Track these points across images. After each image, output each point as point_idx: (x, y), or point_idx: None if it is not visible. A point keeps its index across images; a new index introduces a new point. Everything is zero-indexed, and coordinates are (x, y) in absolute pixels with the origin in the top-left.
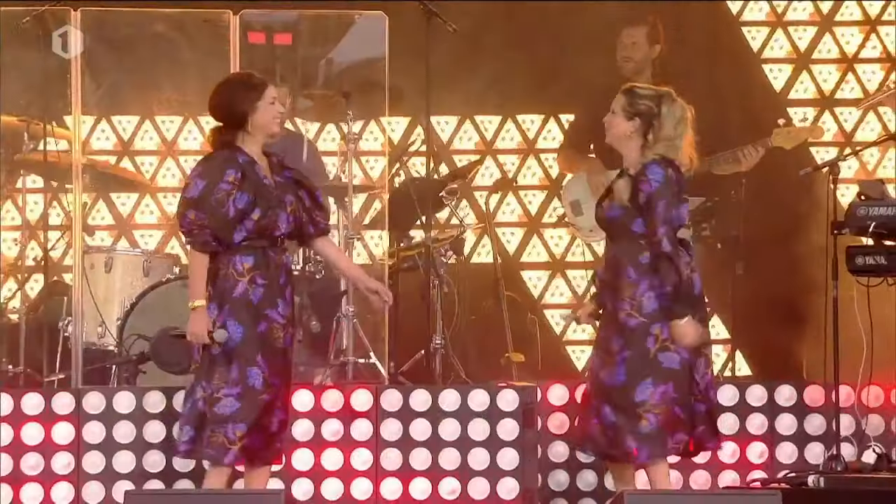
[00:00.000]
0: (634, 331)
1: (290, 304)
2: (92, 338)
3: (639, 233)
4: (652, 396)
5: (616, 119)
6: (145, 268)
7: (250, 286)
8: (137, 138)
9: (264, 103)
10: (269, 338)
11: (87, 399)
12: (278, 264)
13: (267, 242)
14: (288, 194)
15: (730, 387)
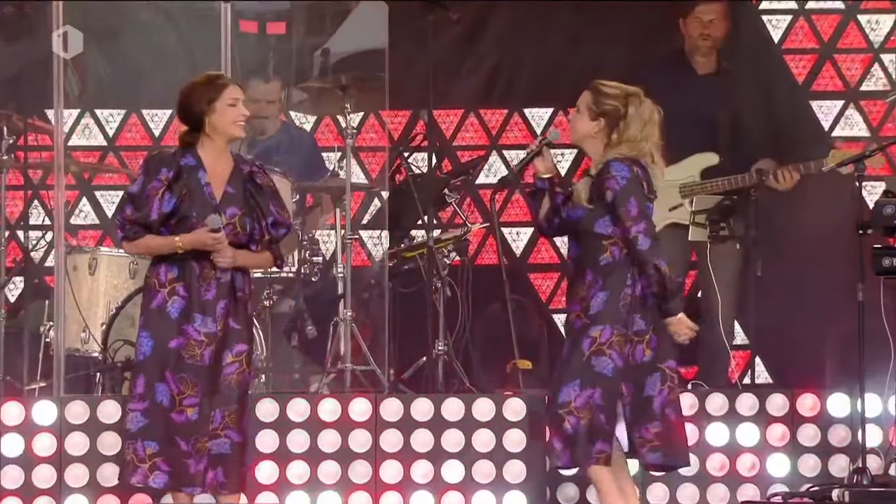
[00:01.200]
0: (577, 332)
1: (218, 320)
2: (75, 344)
3: (601, 233)
4: (576, 399)
5: (580, 118)
6: (131, 269)
7: (169, 298)
8: (123, 133)
9: (222, 105)
10: (184, 355)
11: (70, 408)
12: (207, 277)
13: (195, 253)
14: (232, 206)
15: (749, 395)
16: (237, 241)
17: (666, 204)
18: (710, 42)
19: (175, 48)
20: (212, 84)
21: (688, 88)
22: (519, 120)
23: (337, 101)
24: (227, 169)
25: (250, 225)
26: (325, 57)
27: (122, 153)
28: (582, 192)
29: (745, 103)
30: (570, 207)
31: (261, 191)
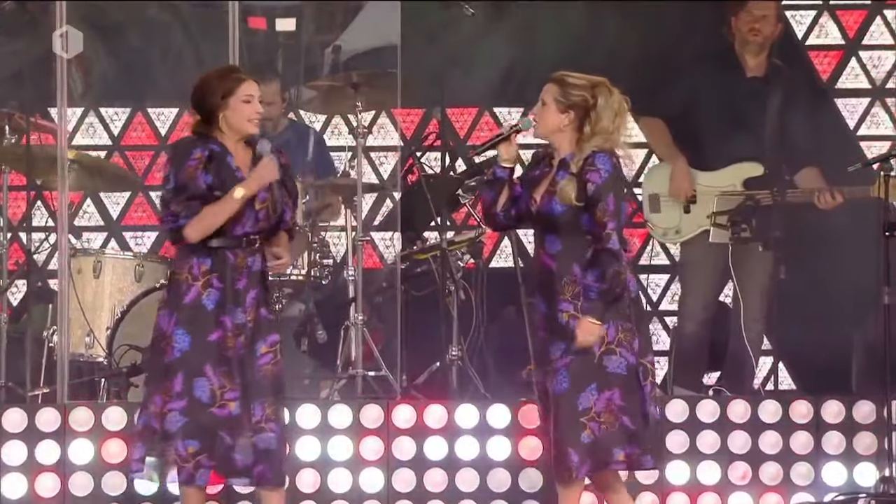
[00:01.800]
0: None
1: (249, 310)
2: (79, 348)
3: (586, 228)
4: (596, 404)
5: (547, 111)
6: (137, 272)
7: (204, 290)
8: (128, 132)
9: (236, 101)
10: (223, 347)
11: (74, 415)
12: (239, 266)
13: (227, 241)
14: (262, 191)
15: (772, 402)
16: (269, 225)
17: (704, 210)
18: (759, 38)
19: (182, 45)
20: (227, 78)
21: (735, 90)
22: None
23: (347, 100)
24: (248, 154)
25: (280, 207)
26: (335, 54)
27: (128, 153)
28: (570, 192)
29: (792, 109)
30: (545, 200)
31: (286, 172)
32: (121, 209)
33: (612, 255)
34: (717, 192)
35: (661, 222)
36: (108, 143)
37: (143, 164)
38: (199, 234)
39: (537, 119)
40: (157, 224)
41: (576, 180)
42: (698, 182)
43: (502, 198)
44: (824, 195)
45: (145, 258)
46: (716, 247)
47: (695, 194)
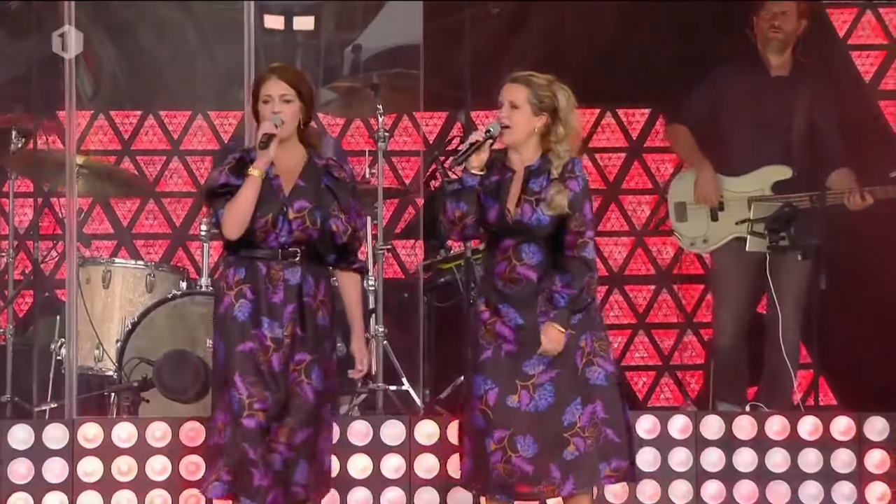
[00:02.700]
0: (565, 346)
1: (286, 325)
2: (88, 362)
3: (564, 238)
4: (580, 419)
5: (521, 115)
6: (148, 282)
7: (236, 301)
8: (139, 136)
9: (259, 103)
10: (256, 360)
11: (83, 431)
12: (274, 279)
13: (261, 252)
14: (301, 199)
15: (811, 418)
16: (307, 237)
17: (733, 216)
18: (780, 35)
19: (195, 45)
20: (257, 79)
21: (760, 91)
22: None
23: (368, 102)
24: (298, 162)
25: (321, 218)
26: (355, 54)
27: (139, 158)
28: (562, 200)
29: (820, 107)
30: (528, 210)
31: (339, 184)
32: (131, 217)
33: (585, 264)
34: (745, 197)
35: (688, 231)
36: (118, 147)
37: (155, 169)
38: (230, 226)
39: (510, 124)
40: (168, 232)
41: (560, 185)
42: (725, 188)
43: (459, 207)
44: (854, 196)
45: (157, 268)
46: (748, 255)
47: (722, 201)
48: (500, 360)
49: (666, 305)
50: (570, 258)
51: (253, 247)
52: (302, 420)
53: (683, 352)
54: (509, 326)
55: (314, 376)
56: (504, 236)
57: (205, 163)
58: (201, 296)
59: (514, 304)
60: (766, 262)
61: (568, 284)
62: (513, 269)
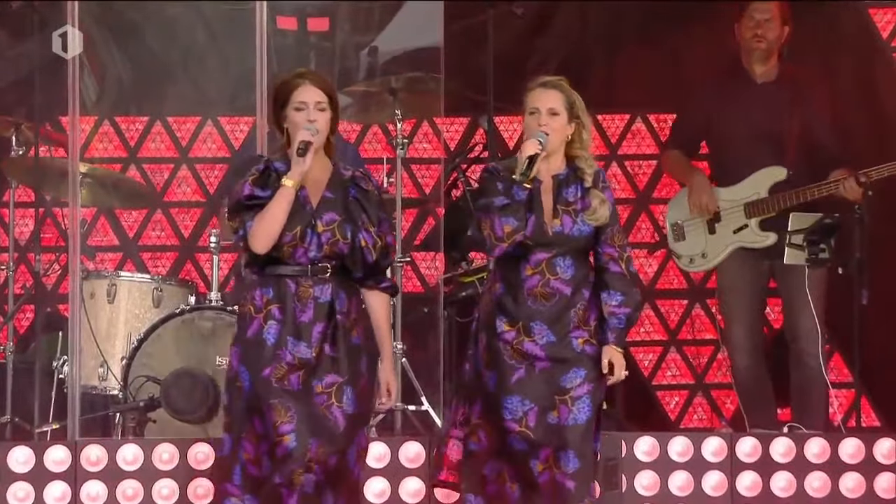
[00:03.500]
0: (595, 360)
1: (314, 345)
2: (92, 380)
3: (592, 251)
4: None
5: (560, 121)
6: (155, 297)
7: (265, 323)
8: (146, 143)
9: (290, 110)
10: (273, 379)
11: (86, 453)
12: (303, 296)
13: (290, 269)
14: (330, 212)
15: (853, 440)
16: (338, 251)
17: (730, 226)
18: (764, 45)
19: (204, 48)
20: (284, 84)
21: (747, 100)
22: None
23: (386, 107)
24: (324, 174)
25: (352, 232)
26: (372, 57)
27: (145, 166)
28: (604, 210)
29: (813, 113)
30: (569, 222)
31: (367, 196)
32: (138, 227)
33: (633, 280)
34: (741, 205)
35: (686, 249)
36: (123, 154)
37: (162, 178)
38: (259, 240)
39: (550, 131)
40: (176, 244)
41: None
42: (720, 199)
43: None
44: (849, 183)
45: (164, 281)
46: (751, 265)
47: (718, 212)
48: (535, 377)
49: (699, 321)
50: (617, 275)
51: (279, 263)
52: (331, 446)
53: (718, 370)
54: (539, 345)
55: (345, 399)
56: (537, 249)
57: (214, 171)
58: (211, 311)
59: (546, 321)
60: (770, 270)
61: (621, 303)
62: (546, 284)
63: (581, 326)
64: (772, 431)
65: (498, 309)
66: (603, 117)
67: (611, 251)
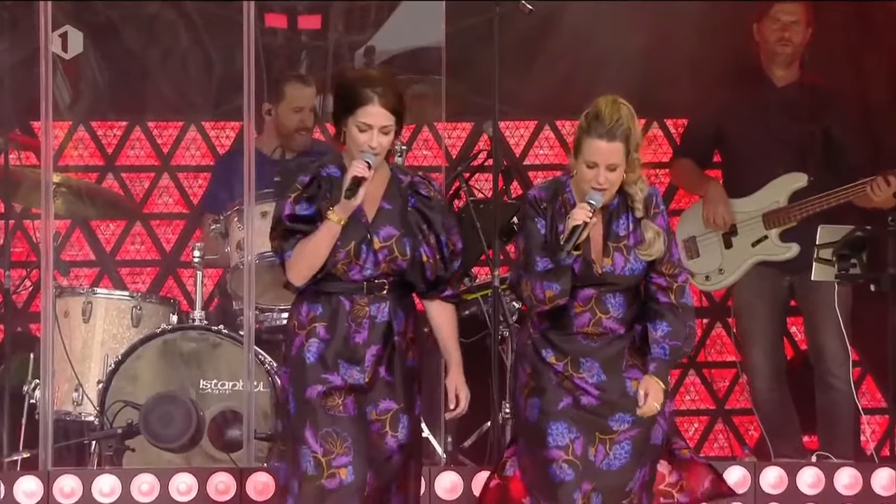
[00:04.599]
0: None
1: (368, 369)
2: (66, 405)
3: (651, 281)
4: (636, 485)
5: (618, 174)
6: (134, 315)
7: (307, 340)
8: (125, 150)
9: (352, 124)
10: (325, 405)
11: (59, 484)
12: (359, 315)
13: (344, 286)
14: (388, 226)
15: (887, 471)
16: (396, 268)
17: (748, 239)
18: (790, 49)
19: (187, 48)
20: (351, 89)
21: (766, 104)
22: None
23: None
24: (381, 181)
25: (412, 246)
26: (368, 57)
27: (124, 174)
28: (660, 244)
29: (839, 123)
30: (622, 259)
31: (429, 203)
32: (115, 241)
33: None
34: (760, 215)
35: (702, 267)
36: (100, 162)
37: (142, 187)
38: (298, 273)
39: (608, 187)
40: (157, 259)
41: (649, 225)
42: (736, 210)
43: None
44: (877, 183)
45: (144, 299)
46: (771, 282)
47: (734, 224)
48: (581, 408)
49: (720, 341)
50: (667, 305)
51: (332, 279)
52: (386, 479)
53: (740, 394)
54: (590, 382)
55: (401, 427)
56: (584, 286)
57: (198, 180)
58: (194, 331)
59: (598, 358)
60: (791, 286)
61: (668, 335)
62: (598, 323)
63: (636, 366)
64: (799, 460)
65: (544, 341)
66: None
67: (660, 281)
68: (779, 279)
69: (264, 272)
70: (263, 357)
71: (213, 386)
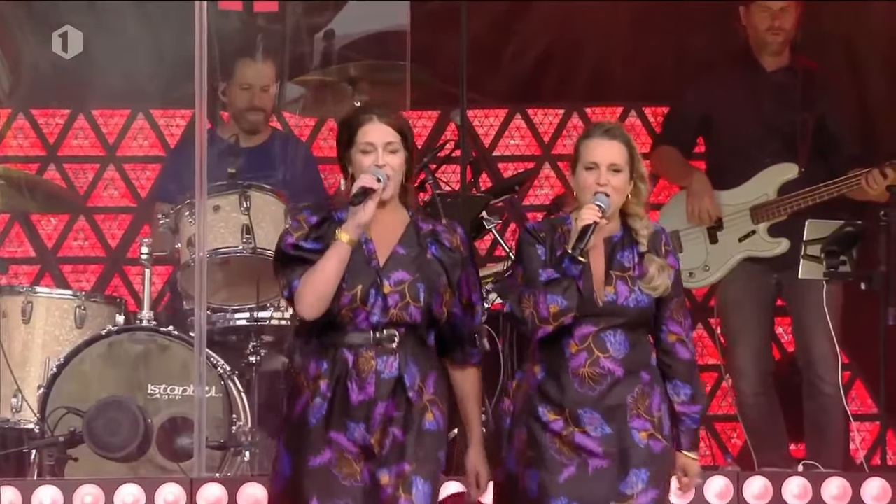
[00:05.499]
0: (661, 459)
1: (375, 429)
2: (3, 412)
3: (654, 328)
4: None
5: (622, 178)
6: (78, 316)
7: (312, 400)
8: (68, 140)
9: (355, 153)
10: (336, 474)
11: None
12: (363, 370)
13: (348, 337)
14: (401, 271)
15: (878, 481)
16: (408, 317)
17: (734, 234)
18: (781, 37)
19: (135, 32)
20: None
21: (756, 90)
22: (579, 122)
23: (344, 99)
24: (398, 226)
25: (426, 293)
26: (327, 41)
27: (66, 165)
28: (665, 279)
29: (833, 113)
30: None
31: (451, 255)
32: (58, 237)
33: (694, 368)
34: (747, 208)
35: (685, 263)
36: (41, 153)
37: (86, 179)
38: (306, 303)
39: (611, 192)
40: (102, 255)
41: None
42: (721, 203)
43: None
44: (873, 175)
45: (88, 298)
46: (758, 279)
47: (720, 217)
48: (588, 477)
49: (701, 343)
50: (686, 362)
51: (337, 330)
52: None
53: (722, 399)
54: (593, 437)
55: (415, 491)
56: (583, 321)
57: (146, 172)
58: (142, 332)
59: (598, 408)
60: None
61: (692, 399)
62: (595, 363)
63: (642, 416)
64: (784, 470)
65: (539, 396)
66: (592, 111)
67: (677, 330)
68: (766, 276)
69: (217, 270)
70: (216, 360)
71: (162, 391)
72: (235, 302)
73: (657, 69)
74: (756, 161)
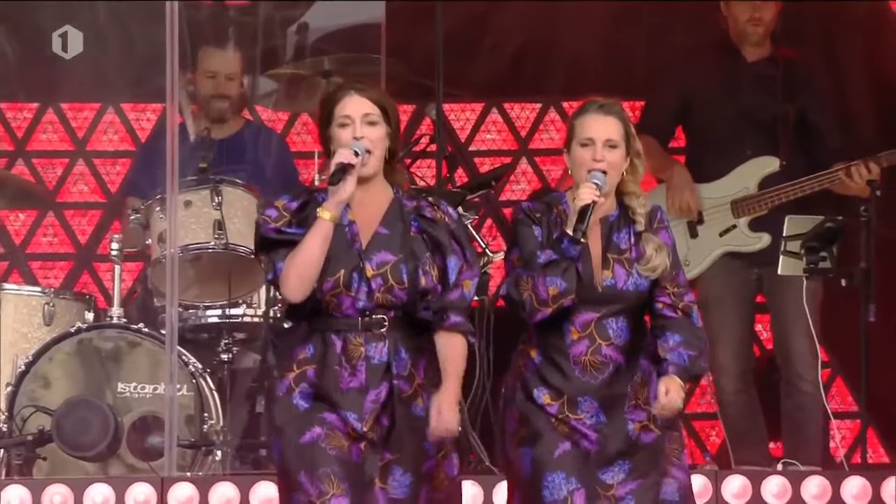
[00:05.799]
0: (650, 449)
1: (366, 418)
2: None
3: (656, 299)
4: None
5: (618, 155)
6: (47, 313)
7: (296, 386)
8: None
9: (334, 128)
10: (324, 445)
11: None
12: (353, 356)
13: (338, 323)
14: (383, 252)
15: (858, 479)
16: (394, 300)
17: (715, 228)
18: (762, 29)
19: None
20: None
21: (736, 80)
22: (556, 117)
23: (317, 93)
24: (380, 205)
25: (409, 273)
26: (301, 34)
27: (35, 160)
28: (663, 259)
29: (814, 104)
30: (624, 274)
31: (435, 226)
32: (26, 233)
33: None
34: (727, 202)
35: None
36: (9, 147)
37: (55, 174)
38: (291, 286)
39: (608, 168)
40: (72, 252)
41: (653, 240)
42: (703, 196)
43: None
44: (858, 169)
45: (57, 295)
46: (738, 275)
47: (701, 211)
48: (580, 455)
49: None
50: (675, 319)
51: (324, 315)
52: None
53: (700, 397)
54: (588, 424)
55: (392, 481)
56: (583, 308)
57: (116, 167)
58: (112, 329)
59: (597, 397)
60: (759, 280)
61: (682, 344)
62: (597, 351)
63: (640, 406)
64: (764, 468)
65: (537, 379)
66: (570, 104)
67: (665, 298)
68: (747, 272)
69: (188, 266)
70: (187, 358)
71: (133, 389)
72: (207, 299)
73: (635, 63)
74: (737, 153)
